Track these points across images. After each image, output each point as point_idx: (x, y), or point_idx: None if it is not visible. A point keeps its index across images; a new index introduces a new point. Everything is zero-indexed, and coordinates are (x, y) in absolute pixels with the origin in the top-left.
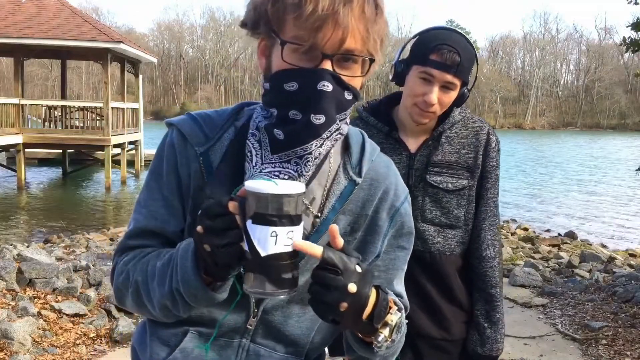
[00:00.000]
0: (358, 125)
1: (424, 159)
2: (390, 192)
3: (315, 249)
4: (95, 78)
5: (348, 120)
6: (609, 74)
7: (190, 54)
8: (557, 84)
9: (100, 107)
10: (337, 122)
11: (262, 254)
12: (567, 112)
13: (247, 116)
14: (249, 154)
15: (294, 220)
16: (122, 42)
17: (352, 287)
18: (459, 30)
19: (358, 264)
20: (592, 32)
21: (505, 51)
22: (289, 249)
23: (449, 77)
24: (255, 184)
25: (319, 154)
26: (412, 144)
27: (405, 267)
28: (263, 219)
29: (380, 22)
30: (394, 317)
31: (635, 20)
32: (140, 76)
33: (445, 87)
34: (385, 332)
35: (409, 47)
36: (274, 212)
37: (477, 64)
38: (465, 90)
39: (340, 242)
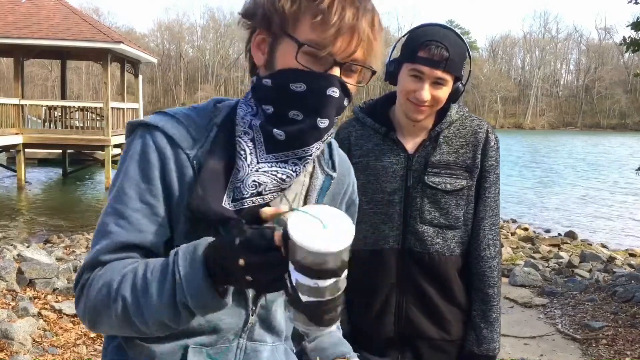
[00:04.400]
0: (354, 126)
1: (422, 160)
2: (351, 186)
3: None
4: (95, 78)
5: None
6: (609, 73)
7: (190, 54)
8: (557, 84)
9: (100, 107)
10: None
11: (303, 299)
12: (567, 112)
13: (225, 113)
14: (242, 152)
15: (337, 273)
16: (122, 43)
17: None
18: (449, 26)
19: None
20: (592, 32)
21: (505, 51)
22: (329, 297)
23: (439, 73)
24: (300, 229)
25: (315, 155)
26: (410, 145)
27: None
28: (306, 271)
29: (381, 38)
30: None
31: (635, 20)
32: (140, 76)
33: (437, 83)
34: None
35: (399, 46)
36: (317, 268)
37: (470, 59)
38: (460, 86)
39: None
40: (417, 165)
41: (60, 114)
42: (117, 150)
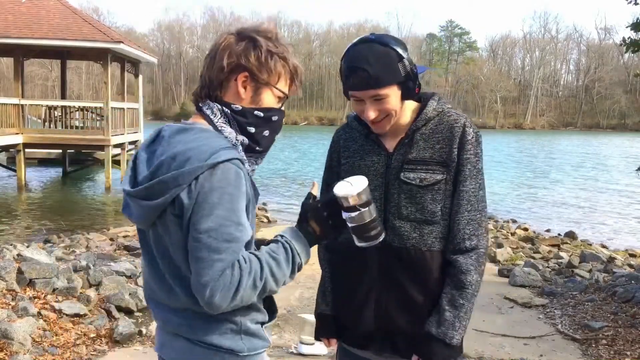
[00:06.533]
0: (345, 130)
1: (400, 158)
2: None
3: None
4: (95, 78)
5: None
6: (609, 74)
7: (190, 54)
8: (557, 84)
9: (100, 107)
10: None
11: (350, 226)
12: (567, 112)
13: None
14: (244, 159)
15: (358, 208)
16: (122, 42)
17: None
18: (372, 37)
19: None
20: (592, 32)
21: (505, 51)
22: (363, 221)
23: (371, 92)
24: (336, 189)
25: None
26: (390, 144)
27: None
28: (345, 209)
29: None
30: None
31: (635, 20)
32: (140, 76)
33: (376, 99)
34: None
35: None
36: (347, 205)
37: (401, 57)
38: (409, 83)
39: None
40: (395, 162)
41: (60, 113)
42: (117, 150)
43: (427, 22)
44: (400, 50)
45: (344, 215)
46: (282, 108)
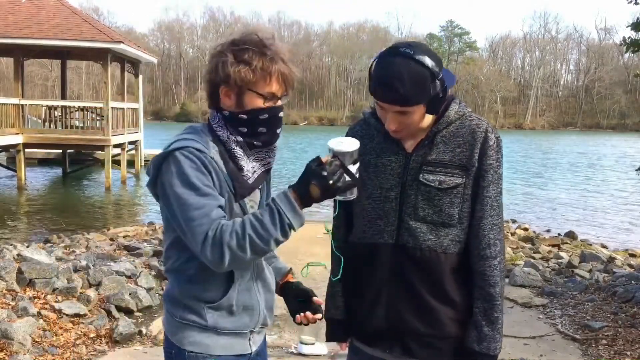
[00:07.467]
0: (361, 126)
1: (419, 159)
2: None
3: None
4: (95, 78)
5: None
6: (609, 74)
7: (190, 54)
8: (557, 84)
9: (100, 107)
10: None
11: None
12: (567, 112)
13: (210, 134)
14: (239, 155)
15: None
16: (122, 42)
17: None
18: (407, 52)
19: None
20: (592, 32)
21: (505, 51)
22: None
23: (397, 108)
24: (338, 146)
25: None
26: (409, 144)
27: None
28: (352, 162)
29: (292, 58)
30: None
31: (635, 21)
32: (140, 76)
33: (400, 113)
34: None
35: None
36: (356, 157)
37: (437, 77)
38: (439, 96)
39: None
40: (414, 163)
41: (60, 113)
42: (117, 150)
43: (427, 22)
44: (435, 69)
45: (350, 167)
46: (278, 104)
